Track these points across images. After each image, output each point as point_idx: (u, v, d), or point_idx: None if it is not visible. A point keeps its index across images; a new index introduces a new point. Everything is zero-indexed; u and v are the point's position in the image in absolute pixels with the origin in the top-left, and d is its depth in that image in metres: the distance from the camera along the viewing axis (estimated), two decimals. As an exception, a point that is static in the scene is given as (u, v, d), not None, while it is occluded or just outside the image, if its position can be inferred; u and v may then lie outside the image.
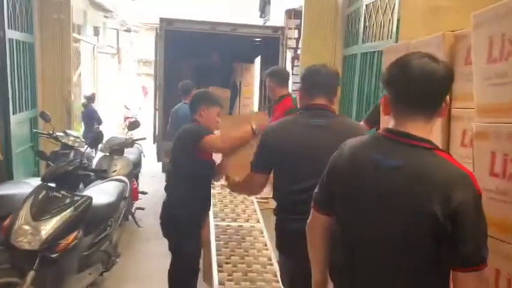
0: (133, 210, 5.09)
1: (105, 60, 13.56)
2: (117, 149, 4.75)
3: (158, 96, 6.67)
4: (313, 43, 6.40)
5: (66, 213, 2.79)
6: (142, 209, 5.27)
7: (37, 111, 5.50)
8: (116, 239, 3.80)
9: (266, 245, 3.28)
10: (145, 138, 5.19)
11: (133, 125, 4.91)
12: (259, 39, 8.37)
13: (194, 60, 8.00)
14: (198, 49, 7.73)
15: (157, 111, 6.91)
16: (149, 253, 4.57)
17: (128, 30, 16.28)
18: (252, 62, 9.62)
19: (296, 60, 9.78)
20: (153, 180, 7.29)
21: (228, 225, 3.56)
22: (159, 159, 6.84)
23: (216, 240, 3.27)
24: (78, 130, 8.24)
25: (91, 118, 8.30)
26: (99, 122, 8.30)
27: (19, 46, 5.05)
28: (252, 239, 3.38)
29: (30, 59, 5.48)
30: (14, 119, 4.84)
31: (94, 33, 12.47)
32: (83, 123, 8.61)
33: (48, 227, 2.68)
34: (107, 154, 4.76)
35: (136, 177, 5.33)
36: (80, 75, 10.04)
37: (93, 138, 3.52)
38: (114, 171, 4.59)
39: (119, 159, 4.74)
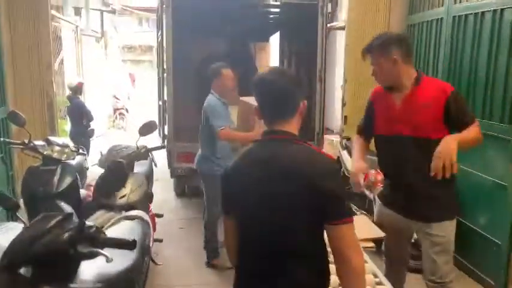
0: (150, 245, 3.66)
1: (90, 45, 11.89)
2: (123, 163, 3.29)
3: (167, 84, 5.16)
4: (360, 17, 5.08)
5: None
6: (161, 240, 3.83)
7: (6, 110, 4.00)
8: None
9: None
10: (164, 147, 3.71)
11: (147, 128, 3.45)
12: (277, 10, 6.85)
13: (207, 41, 6.48)
14: (211, 26, 6.22)
15: (165, 104, 5.42)
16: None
17: (113, 12, 14.54)
18: (267, 40, 8.15)
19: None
20: (156, 185, 5.85)
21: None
22: (171, 166, 5.38)
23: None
24: (63, 131, 6.71)
25: (78, 114, 6.77)
26: (89, 118, 6.78)
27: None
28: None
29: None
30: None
31: (75, 14, 10.83)
32: (68, 120, 7.06)
33: None
34: (111, 170, 3.31)
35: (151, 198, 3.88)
36: (62, 62, 8.44)
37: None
38: (123, 197, 3.15)
39: (128, 177, 3.29)
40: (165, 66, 5.17)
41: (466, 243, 3.51)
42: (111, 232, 2.35)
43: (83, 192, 3.72)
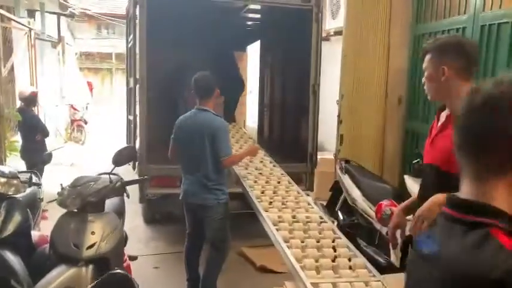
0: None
1: (45, 51, 10.83)
2: (93, 201, 2.52)
3: (140, 96, 4.39)
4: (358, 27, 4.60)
5: None
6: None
7: None
8: None
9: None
10: (146, 180, 2.94)
11: (124, 156, 2.70)
12: (258, 16, 6.25)
13: (184, 48, 5.76)
14: (188, 32, 5.52)
15: (136, 119, 4.65)
16: None
17: (71, 16, 13.47)
18: (244, 49, 7.53)
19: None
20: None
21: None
22: (141, 191, 4.59)
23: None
24: (13, 147, 5.77)
25: (31, 128, 5.84)
26: (45, 133, 5.88)
27: None
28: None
29: None
30: None
31: (28, 16, 9.79)
32: (20, 135, 6.09)
33: None
34: (74, 211, 2.55)
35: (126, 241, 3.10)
36: (12, 68, 7.45)
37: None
38: (91, 247, 2.40)
39: (98, 219, 2.53)
40: (137, 76, 4.41)
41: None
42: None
43: (35, 235, 2.91)
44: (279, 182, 3.94)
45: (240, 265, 4.27)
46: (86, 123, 12.50)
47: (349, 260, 2.55)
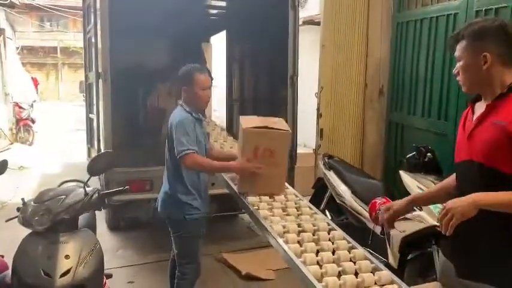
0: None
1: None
2: (66, 219, 2.11)
3: (103, 93, 3.93)
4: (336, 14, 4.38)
5: None
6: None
7: None
8: None
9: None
10: (128, 189, 2.52)
11: (101, 163, 2.30)
12: (223, 4, 5.91)
13: (149, 39, 5.30)
14: (152, 21, 5.08)
15: (99, 118, 4.19)
16: None
17: (11, 6, 12.42)
18: (207, 40, 7.15)
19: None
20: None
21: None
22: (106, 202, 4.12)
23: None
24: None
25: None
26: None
27: None
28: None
29: None
30: None
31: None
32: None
33: None
34: (43, 231, 2.13)
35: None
36: None
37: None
38: (65, 274, 2.02)
39: (72, 239, 2.12)
40: (99, 70, 3.94)
41: None
42: None
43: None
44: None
45: (223, 274, 3.94)
46: (33, 122, 11.60)
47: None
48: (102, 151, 4.01)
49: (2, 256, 3.03)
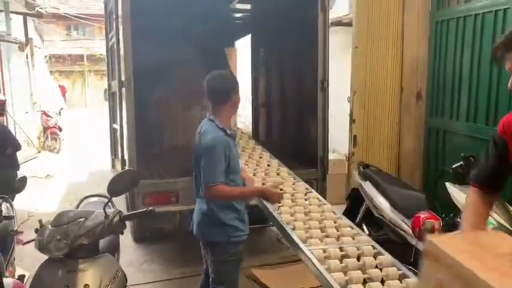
0: None
1: (12, 54, 9.99)
2: (84, 244, 1.94)
3: (126, 101, 3.77)
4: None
5: None
6: None
7: None
8: None
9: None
10: (152, 211, 2.32)
11: (122, 183, 2.11)
12: (248, 7, 5.72)
13: (172, 45, 5.15)
14: (175, 27, 4.94)
15: (123, 128, 4.04)
16: None
17: (39, 15, 12.57)
18: (232, 45, 6.97)
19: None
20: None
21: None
22: (131, 209, 3.97)
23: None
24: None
25: (0, 140, 5.14)
26: (16, 147, 5.19)
27: None
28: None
29: None
30: None
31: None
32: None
33: None
34: (61, 257, 1.95)
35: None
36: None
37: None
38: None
39: (92, 267, 1.94)
40: (122, 78, 3.79)
41: None
42: None
43: (8, 284, 2.30)
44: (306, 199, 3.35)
45: (253, 292, 3.73)
46: (60, 130, 11.68)
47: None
48: (126, 167, 3.86)
49: (23, 276, 2.90)
